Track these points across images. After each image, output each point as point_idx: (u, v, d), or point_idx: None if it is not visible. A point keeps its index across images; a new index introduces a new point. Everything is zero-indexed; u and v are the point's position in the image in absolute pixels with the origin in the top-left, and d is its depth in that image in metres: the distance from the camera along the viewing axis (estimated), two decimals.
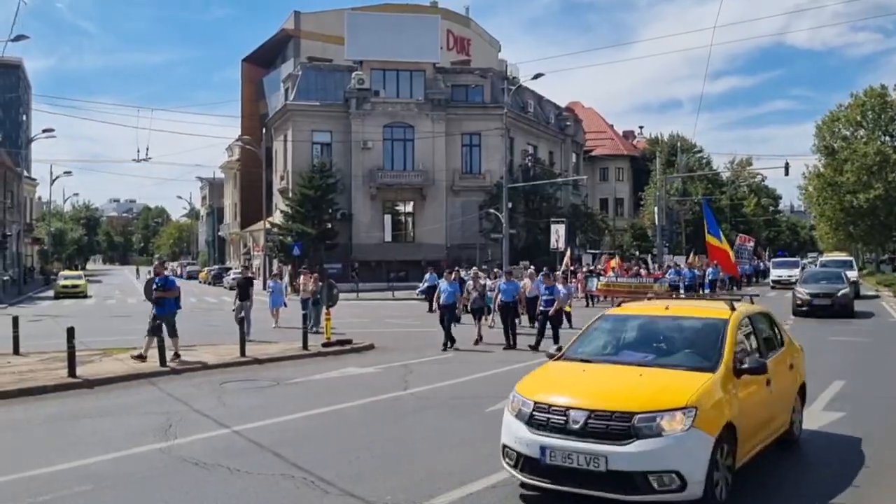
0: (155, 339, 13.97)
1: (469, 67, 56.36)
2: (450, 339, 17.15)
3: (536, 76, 40.56)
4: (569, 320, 21.42)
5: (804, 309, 23.66)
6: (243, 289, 19.82)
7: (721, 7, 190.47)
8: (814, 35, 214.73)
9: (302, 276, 23.72)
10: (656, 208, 52.38)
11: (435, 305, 18.00)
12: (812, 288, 24.46)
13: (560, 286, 22.53)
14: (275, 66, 65.88)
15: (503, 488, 6.57)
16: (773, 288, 39.73)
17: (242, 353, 15.02)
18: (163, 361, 13.53)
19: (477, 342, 17.76)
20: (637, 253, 58.82)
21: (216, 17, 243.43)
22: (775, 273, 42.70)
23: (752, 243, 47.54)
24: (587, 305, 30.56)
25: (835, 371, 12.86)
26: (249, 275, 21.98)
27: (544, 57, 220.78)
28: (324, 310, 18.26)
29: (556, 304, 16.98)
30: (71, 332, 12.39)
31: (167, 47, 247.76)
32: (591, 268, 35.31)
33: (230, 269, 61.70)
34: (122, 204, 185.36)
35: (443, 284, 17.93)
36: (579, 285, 31.62)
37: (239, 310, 18.84)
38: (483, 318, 19.18)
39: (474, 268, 29.13)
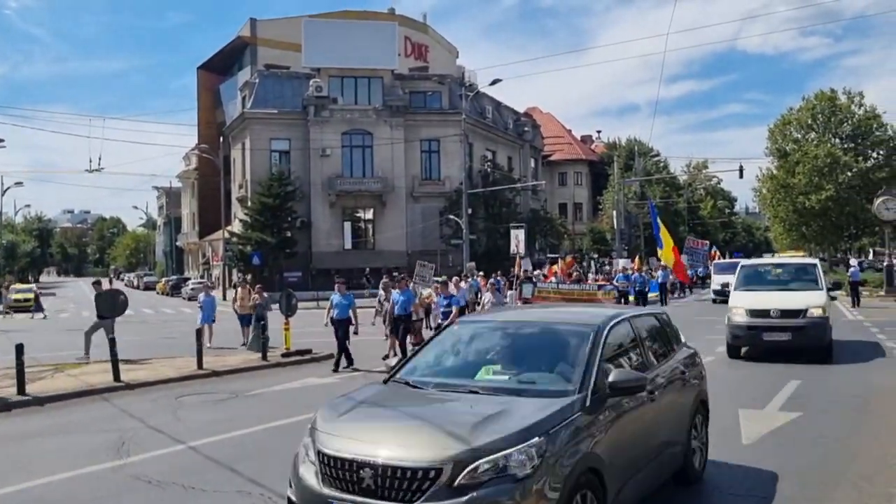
0: None
1: (427, 74, 56.41)
2: (347, 359, 15.16)
3: (494, 82, 40.73)
4: None
5: None
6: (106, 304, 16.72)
7: (675, 13, 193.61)
8: (765, 40, 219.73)
9: (239, 289, 20.92)
10: (615, 212, 52.87)
11: (327, 320, 15.52)
12: None
13: (489, 294, 19.94)
14: (231, 74, 65.27)
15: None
16: (714, 301, 31.57)
17: (200, 365, 14.74)
18: (116, 377, 13.21)
19: (386, 357, 16.15)
20: (596, 256, 59.35)
21: (172, 24, 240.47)
22: (719, 280, 32.21)
23: (705, 246, 46.76)
24: None
25: (790, 371, 13.05)
26: (110, 288, 18.63)
27: (503, 63, 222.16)
28: (267, 323, 17.57)
29: (451, 318, 14.62)
30: (20, 349, 12.01)
31: (122, 55, 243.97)
32: (528, 273, 32.18)
33: (188, 279, 60.82)
34: (76, 215, 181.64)
35: (335, 297, 15.60)
36: (516, 292, 29.30)
37: (94, 328, 16.62)
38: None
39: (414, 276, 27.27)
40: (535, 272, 34.05)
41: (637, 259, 42.24)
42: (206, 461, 7.98)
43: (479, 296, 26.23)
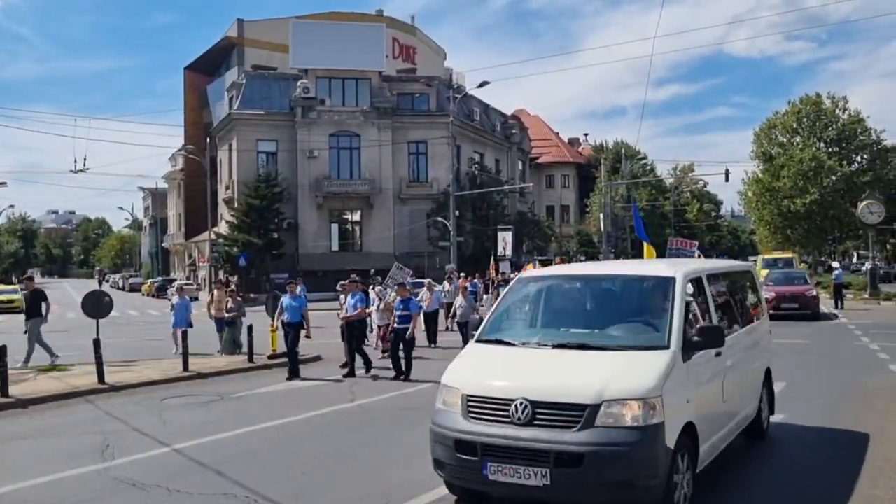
0: None
1: (415, 76, 56.44)
2: (293, 368, 14.37)
3: (481, 84, 40.78)
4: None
5: None
6: (32, 304, 16.59)
7: (662, 17, 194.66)
8: (752, 44, 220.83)
9: (215, 291, 19.69)
10: (602, 214, 53.03)
11: (276, 323, 14.80)
12: None
13: (460, 298, 19.72)
14: (218, 75, 65.07)
15: (451, 499, 6.49)
16: None
17: (185, 367, 14.66)
18: (101, 379, 13.12)
19: (344, 365, 14.92)
20: (583, 258, 59.47)
21: (158, 24, 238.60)
22: None
23: (693, 247, 46.08)
24: None
25: (775, 373, 13.08)
26: (36, 286, 17.74)
27: (491, 65, 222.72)
28: (242, 330, 17.04)
29: (411, 324, 14.03)
30: (2, 350, 11.90)
31: (108, 55, 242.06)
32: (507, 276, 30.86)
33: (174, 280, 60.51)
34: (61, 215, 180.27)
35: (285, 300, 14.67)
36: (493, 295, 28.01)
37: (36, 329, 16.22)
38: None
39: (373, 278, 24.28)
40: (514, 274, 33.39)
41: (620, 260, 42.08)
42: (191, 463, 7.94)
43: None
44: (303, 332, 14.53)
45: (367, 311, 16.25)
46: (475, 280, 28.50)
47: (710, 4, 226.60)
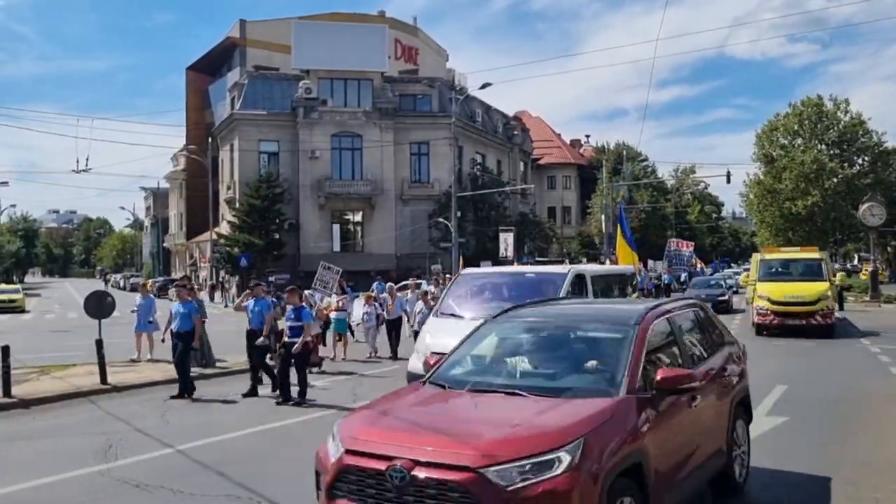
0: None
1: (417, 76, 56.48)
2: (186, 384, 12.47)
3: (484, 86, 40.97)
4: None
5: None
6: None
7: (665, 18, 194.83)
8: (754, 46, 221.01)
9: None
10: (603, 216, 53.03)
11: (164, 335, 13.53)
12: None
13: (420, 303, 17.43)
14: (220, 75, 65.09)
15: None
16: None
17: None
18: (103, 379, 13.13)
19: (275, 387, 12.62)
20: (584, 260, 59.45)
21: (159, 23, 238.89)
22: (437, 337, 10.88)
23: (689, 248, 45.98)
24: None
25: (777, 376, 13.11)
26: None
27: (493, 67, 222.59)
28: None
29: (302, 337, 11.86)
30: (6, 351, 11.92)
31: (108, 54, 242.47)
32: None
33: (175, 280, 60.52)
34: (62, 215, 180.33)
35: (174, 305, 13.08)
36: None
37: None
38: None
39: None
40: None
41: (607, 262, 41.82)
42: (194, 465, 7.95)
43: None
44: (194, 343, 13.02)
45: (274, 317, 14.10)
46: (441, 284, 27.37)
47: (711, 6, 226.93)
